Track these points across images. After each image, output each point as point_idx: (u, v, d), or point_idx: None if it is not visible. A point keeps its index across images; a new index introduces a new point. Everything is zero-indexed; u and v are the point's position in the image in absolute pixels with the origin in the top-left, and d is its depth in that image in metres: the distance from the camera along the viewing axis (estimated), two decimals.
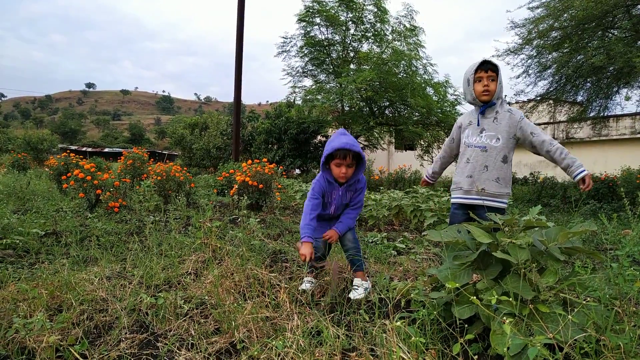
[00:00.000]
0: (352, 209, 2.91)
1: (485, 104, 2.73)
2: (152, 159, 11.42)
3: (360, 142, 18.78)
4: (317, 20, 16.97)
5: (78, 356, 1.87)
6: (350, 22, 17.05)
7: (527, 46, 10.88)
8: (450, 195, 2.99)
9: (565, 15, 9.85)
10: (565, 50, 10.24)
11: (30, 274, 2.98)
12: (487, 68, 2.70)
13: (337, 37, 17.57)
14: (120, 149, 43.42)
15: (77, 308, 2.33)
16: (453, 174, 2.94)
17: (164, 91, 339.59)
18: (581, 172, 2.55)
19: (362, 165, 2.79)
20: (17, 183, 8.63)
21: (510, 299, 1.76)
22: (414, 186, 8.92)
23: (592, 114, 12.32)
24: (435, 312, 1.93)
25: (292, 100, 19.35)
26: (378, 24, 17.02)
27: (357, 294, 2.68)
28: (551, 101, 12.43)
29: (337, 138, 2.70)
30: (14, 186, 8.20)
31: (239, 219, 5.81)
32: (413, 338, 1.74)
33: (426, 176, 3.24)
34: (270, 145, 19.45)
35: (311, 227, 2.66)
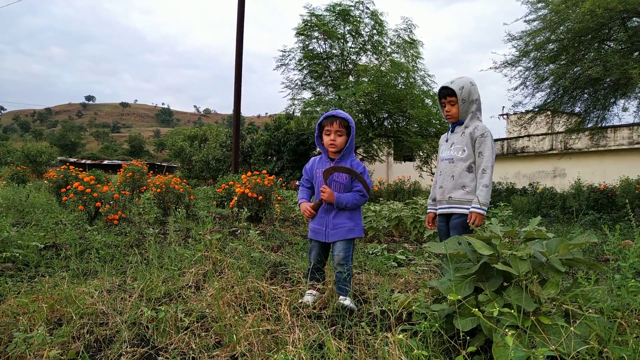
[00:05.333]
0: (353, 192, 2.85)
1: (454, 124, 2.94)
2: (151, 171, 11.43)
3: (360, 154, 18.84)
4: (315, 33, 17.11)
5: None
6: (348, 35, 17.20)
7: (524, 58, 10.97)
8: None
9: (562, 27, 9.95)
10: (562, 62, 10.32)
11: (30, 288, 2.97)
12: (445, 94, 2.89)
13: (335, 50, 17.71)
14: (119, 162, 43.40)
15: (78, 322, 2.32)
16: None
17: (163, 104, 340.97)
18: (474, 207, 2.66)
19: (351, 139, 2.85)
20: (17, 196, 8.61)
21: (513, 311, 1.76)
22: (414, 197, 8.93)
23: (590, 125, 12.37)
24: (437, 325, 1.93)
25: (291, 112, 19.44)
26: (376, 37, 17.18)
27: (343, 302, 2.65)
28: (549, 112, 12.50)
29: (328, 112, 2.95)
30: (13, 199, 8.19)
31: (239, 231, 5.80)
32: (415, 351, 1.73)
33: (430, 209, 3.13)
34: (269, 157, 19.50)
35: (303, 195, 3.00)
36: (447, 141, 2.97)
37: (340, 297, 2.75)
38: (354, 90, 14.39)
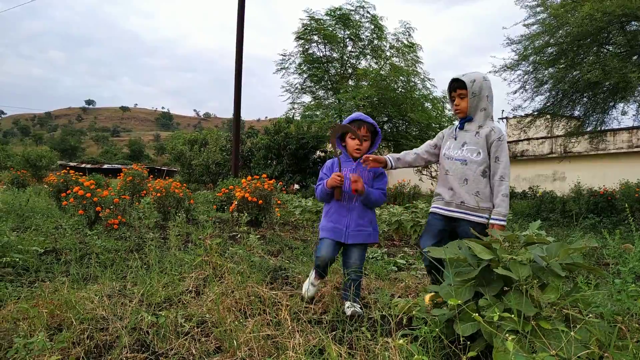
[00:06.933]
0: (377, 190, 2.83)
1: (463, 119, 2.77)
2: (151, 176, 11.43)
3: None
4: (315, 37, 17.17)
5: None
6: (347, 39, 17.25)
7: (523, 62, 11.00)
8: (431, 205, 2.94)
9: (561, 31, 9.99)
10: (561, 66, 10.35)
11: (30, 293, 2.96)
12: (455, 87, 2.74)
13: (335, 54, 17.77)
14: (119, 166, 43.42)
15: (78, 327, 2.31)
16: (435, 187, 2.94)
17: (163, 107, 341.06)
18: (495, 219, 2.57)
19: (376, 141, 2.87)
20: (16, 200, 8.61)
21: (513, 316, 1.76)
22: (413, 201, 8.93)
23: (589, 129, 12.40)
24: (437, 330, 1.93)
25: (291, 116, 19.46)
26: (375, 41, 17.23)
27: (354, 309, 2.66)
28: (548, 116, 12.52)
29: (353, 114, 2.87)
30: (13, 203, 8.18)
31: (239, 236, 5.80)
32: (416, 356, 1.73)
33: (388, 157, 2.87)
34: (269, 161, 19.48)
35: (322, 182, 2.81)
36: (455, 139, 2.78)
37: (347, 303, 2.72)
38: (354, 94, 14.43)
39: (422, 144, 3.01)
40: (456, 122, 2.90)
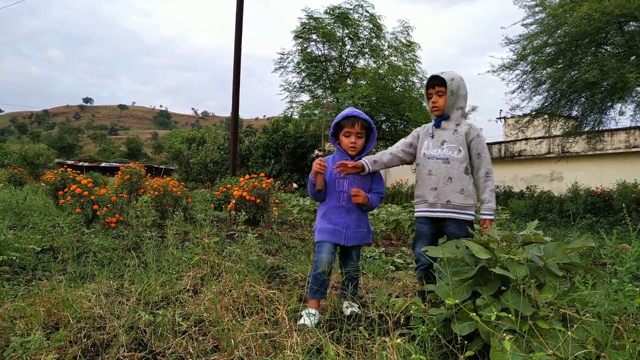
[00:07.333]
0: (373, 193, 2.81)
1: (439, 117, 2.74)
2: (149, 174, 11.41)
3: None
4: (314, 36, 17.16)
5: None
6: (346, 38, 17.26)
7: (521, 62, 11.01)
8: (414, 209, 2.86)
9: (559, 31, 10.01)
10: (559, 66, 10.37)
11: (27, 291, 2.95)
12: (434, 84, 2.71)
13: (333, 53, 17.77)
14: (117, 164, 43.27)
15: (75, 326, 2.31)
16: (414, 188, 2.87)
17: (161, 106, 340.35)
18: (486, 213, 2.59)
19: (372, 138, 2.81)
20: (14, 198, 8.58)
21: (510, 315, 1.76)
22: (411, 200, 8.94)
23: (586, 129, 12.42)
24: (434, 329, 1.93)
25: (289, 115, 19.46)
26: (374, 40, 17.24)
27: (353, 309, 2.66)
28: (546, 116, 12.54)
29: (345, 110, 2.79)
30: (10, 201, 8.16)
31: (237, 234, 5.80)
32: (413, 355, 1.73)
33: (365, 161, 2.74)
34: (267, 160, 19.48)
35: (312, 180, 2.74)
36: (432, 137, 2.74)
37: (345, 303, 2.72)
38: (352, 93, 14.44)
39: (396, 143, 2.94)
40: (426, 125, 2.86)
